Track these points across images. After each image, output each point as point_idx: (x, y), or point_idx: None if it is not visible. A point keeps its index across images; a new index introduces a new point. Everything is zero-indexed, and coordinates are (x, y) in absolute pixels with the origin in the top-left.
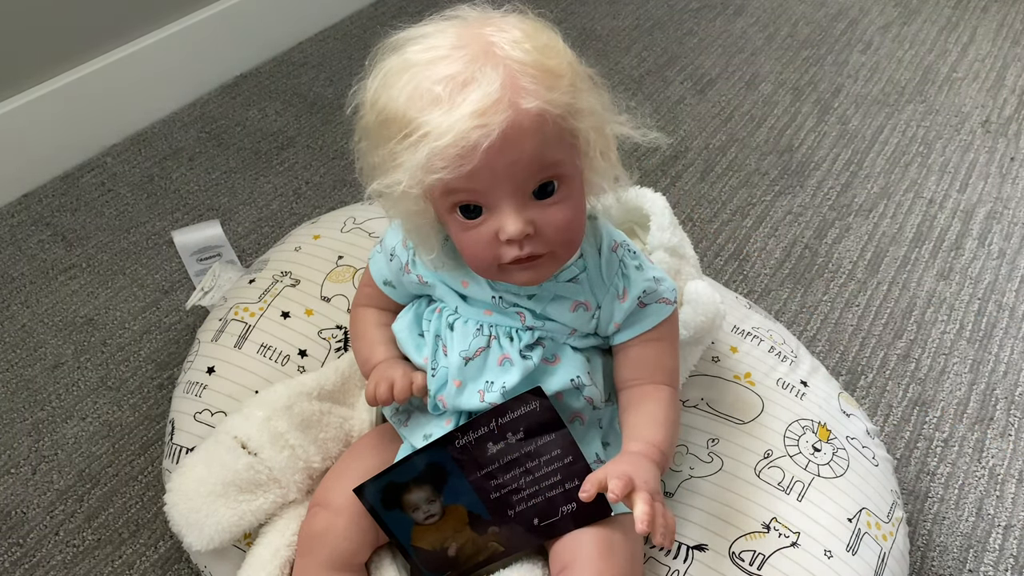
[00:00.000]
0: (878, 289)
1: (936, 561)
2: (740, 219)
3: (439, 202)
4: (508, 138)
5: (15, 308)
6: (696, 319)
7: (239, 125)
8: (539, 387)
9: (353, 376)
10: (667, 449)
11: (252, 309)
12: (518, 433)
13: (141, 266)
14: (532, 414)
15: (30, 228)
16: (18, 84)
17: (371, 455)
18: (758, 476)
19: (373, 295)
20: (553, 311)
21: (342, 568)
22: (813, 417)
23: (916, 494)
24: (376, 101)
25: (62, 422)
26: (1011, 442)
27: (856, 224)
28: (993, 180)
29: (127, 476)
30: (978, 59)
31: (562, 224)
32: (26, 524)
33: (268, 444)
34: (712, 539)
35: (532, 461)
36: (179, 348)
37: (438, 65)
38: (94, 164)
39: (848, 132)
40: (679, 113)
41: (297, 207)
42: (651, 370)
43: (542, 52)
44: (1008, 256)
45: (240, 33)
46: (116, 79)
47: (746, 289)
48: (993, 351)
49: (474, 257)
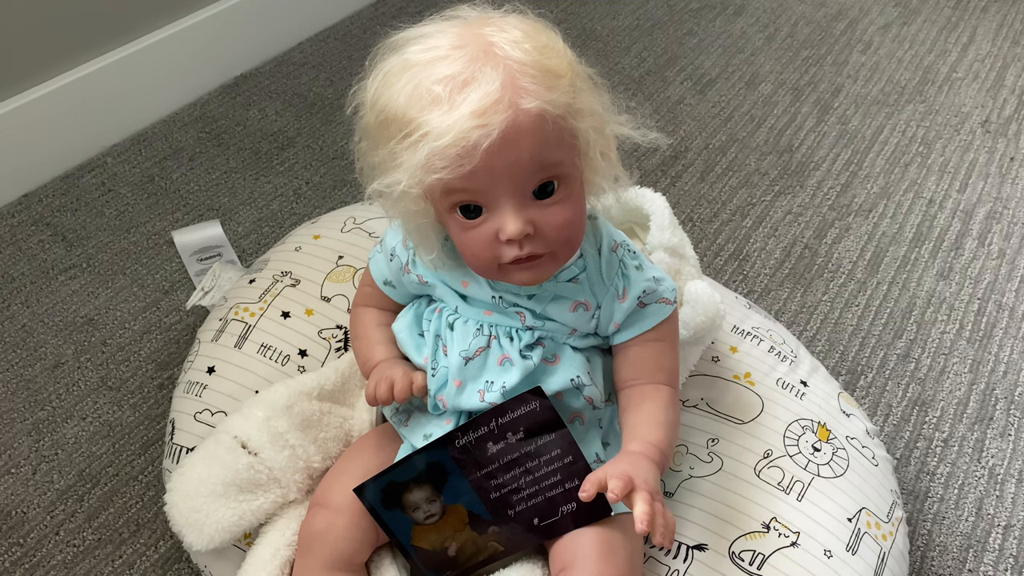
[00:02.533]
0: (878, 289)
1: (936, 561)
2: (740, 219)
3: (439, 202)
4: (508, 138)
5: (15, 308)
6: (696, 319)
7: (239, 125)
8: (539, 387)
9: (353, 376)
10: (667, 449)
11: (252, 309)
12: (518, 433)
13: (141, 266)
14: (532, 414)
15: (30, 228)
16: (18, 84)
17: (371, 455)
18: (758, 476)
19: (373, 295)
20: (553, 311)
21: (342, 568)
22: (813, 417)
23: (916, 494)
24: (376, 101)
25: (62, 422)
26: (1011, 442)
27: (856, 224)
28: (993, 180)
29: (127, 476)
30: (978, 59)
31: (562, 224)
32: (26, 524)
33: (268, 444)
34: (712, 539)
35: (532, 461)
36: (179, 348)
37: (438, 65)
38: (94, 164)
39: (848, 132)
40: (679, 113)
41: (297, 207)
42: (651, 370)
43: (542, 52)
44: (1008, 256)
45: (240, 33)
46: (116, 79)
47: (746, 289)
48: (993, 351)
49: (474, 257)
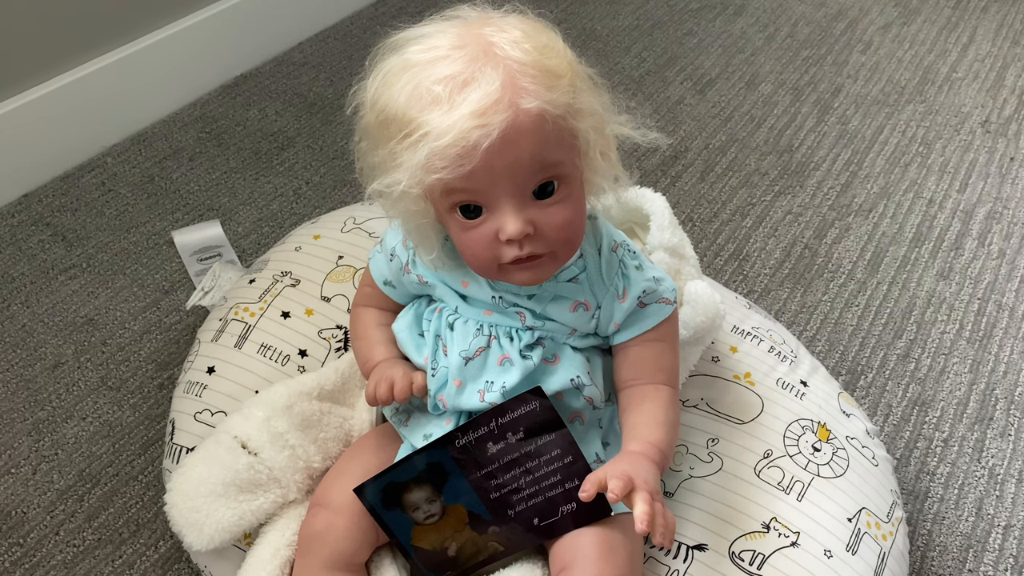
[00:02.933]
0: (878, 289)
1: (936, 561)
2: (740, 219)
3: (439, 202)
4: (508, 138)
5: (15, 308)
6: (696, 319)
7: (239, 125)
8: (539, 387)
9: (353, 376)
10: (667, 449)
11: (252, 309)
12: (518, 433)
13: (141, 266)
14: (532, 414)
15: (30, 228)
16: (18, 84)
17: (371, 455)
18: (758, 476)
19: (373, 295)
20: (553, 311)
21: (342, 568)
22: (813, 417)
23: (916, 494)
24: (376, 101)
25: (62, 422)
26: (1011, 442)
27: (856, 224)
28: (993, 180)
29: (127, 476)
30: (978, 59)
31: (562, 224)
32: (26, 524)
33: (268, 444)
34: (712, 539)
35: (532, 461)
36: (179, 348)
37: (438, 65)
38: (94, 164)
39: (848, 132)
40: (679, 113)
41: (297, 207)
42: (651, 370)
43: (542, 52)
44: (1008, 256)
45: (240, 33)
46: (116, 79)
47: (746, 289)
48: (993, 351)
49: (474, 257)
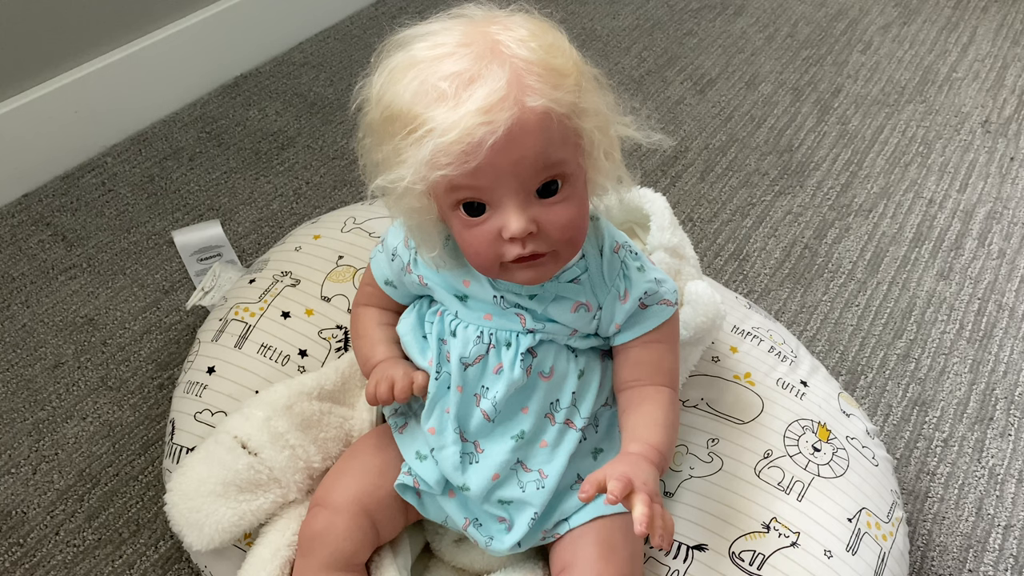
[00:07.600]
0: (878, 289)
1: (936, 561)
2: (740, 219)
3: (442, 199)
4: (513, 136)
5: (15, 308)
6: (696, 319)
7: (239, 125)
8: None
9: (353, 376)
10: (666, 451)
11: (252, 309)
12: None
13: (141, 266)
14: None
15: (30, 228)
16: (18, 84)
17: (371, 455)
18: (758, 476)
19: (374, 294)
20: (554, 312)
21: (342, 568)
22: (813, 417)
23: (916, 494)
24: (381, 97)
25: (62, 422)
26: (1011, 442)
27: (856, 224)
28: (993, 180)
29: (127, 476)
30: (978, 59)
31: (565, 223)
32: (26, 524)
33: (268, 444)
34: (712, 539)
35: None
36: (179, 348)
37: (444, 62)
38: (94, 164)
39: (848, 132)
40: (679, 113)
41: (297, 207)
42: (651, 371)
43: (548, 51)
44: (1008, 256)
45: (240, 33)
46: (116, 79)
47: (746, 289)
48: (993, 351)
49: (476, 255)
